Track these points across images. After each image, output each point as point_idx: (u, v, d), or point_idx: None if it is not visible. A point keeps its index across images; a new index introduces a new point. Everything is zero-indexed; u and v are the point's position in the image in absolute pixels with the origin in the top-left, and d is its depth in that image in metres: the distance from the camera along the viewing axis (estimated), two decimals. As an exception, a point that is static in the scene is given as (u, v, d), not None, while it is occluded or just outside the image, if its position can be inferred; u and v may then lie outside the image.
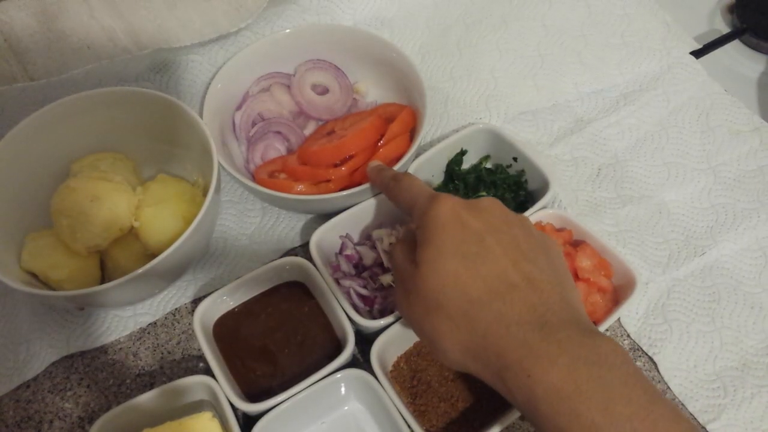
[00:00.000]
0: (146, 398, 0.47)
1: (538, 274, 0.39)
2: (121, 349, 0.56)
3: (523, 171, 0.61)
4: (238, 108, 0.65)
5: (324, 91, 0.67)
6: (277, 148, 0.63)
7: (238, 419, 0.46)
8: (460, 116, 0.68)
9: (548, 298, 0.38)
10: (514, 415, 0.47)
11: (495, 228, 0.41)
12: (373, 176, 0.54)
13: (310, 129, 0.66)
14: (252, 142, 0.64)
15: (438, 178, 0.64)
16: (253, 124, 0.64)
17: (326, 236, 0.56)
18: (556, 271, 0.41)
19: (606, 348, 0.36)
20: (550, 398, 0.34)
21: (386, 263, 0.56)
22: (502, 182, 0.61)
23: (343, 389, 0.50)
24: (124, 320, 0.57)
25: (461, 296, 0.39)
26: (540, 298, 0.38)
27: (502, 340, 0.37)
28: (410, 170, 0.58)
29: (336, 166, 0.58)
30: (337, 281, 0.54)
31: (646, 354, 0.55)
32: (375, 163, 0.56)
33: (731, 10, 0.80)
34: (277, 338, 0.53)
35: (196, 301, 0.58)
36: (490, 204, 0.43)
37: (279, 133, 0.64)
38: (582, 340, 0.36)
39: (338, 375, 0.49)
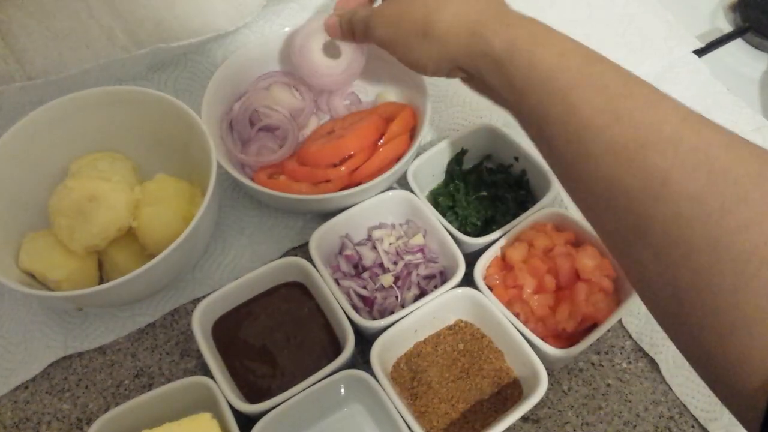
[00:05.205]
0: (145, 399, 0.47)
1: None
2: (119, 349, 0.56)
3: (524, 170, 0.61)
4: (238, 99, 0.64)
5: (335, 53, 0.60)
6: (270, 148, 0.63)
7: (237, 420, 0.46)
8: (461, 115, 0.68)
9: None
10: (514, 416, 0.47)
11: None
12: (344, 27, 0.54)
13: (310, 129, 0.66)
14: (247, 141, 0.63)
15: (438, 178, 0.63)
16: (250, 120, 0.64)
17: (326, 236, 0.56)
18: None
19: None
20: (523, 43, 0.39)
21: (386, 263, 0.56)
22: (504, 182, 0.61)
23: (342, 390, 0.50)
24: (123, 321, 0.57)
25: None
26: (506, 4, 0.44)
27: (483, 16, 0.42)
28: (410, 170, 0.58)
29: (335, 166, 0.58)
30: (336, 281, 0.54)
31: (648, 355, 0.55)
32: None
33: (733, 8, 0.80)
34: (277, 339, 0.52)
35: (195, 302, 0.58)
36: None
37: (275, 132, 0.64)
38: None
39: (338, 376, 0.48)
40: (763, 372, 0.26)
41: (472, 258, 0.54)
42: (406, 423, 0.46)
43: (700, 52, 0.73)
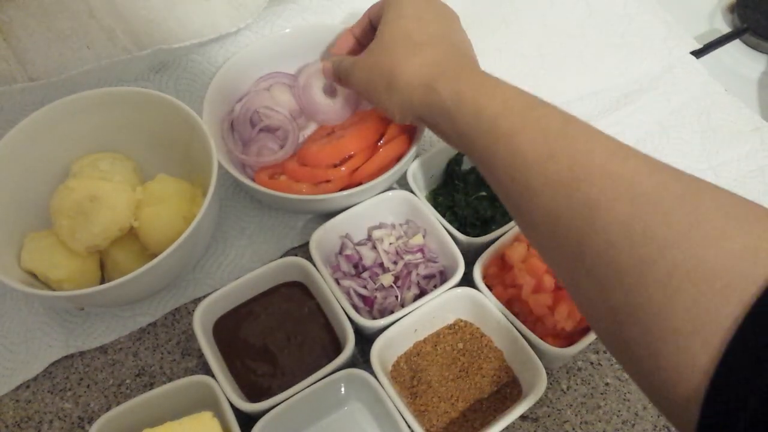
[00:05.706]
0: (146, 398, 0.47)
1: (467, 50, 0.52)
2: (120, 349, 0.56)
3: (523, 171, 0.61)
4: (239, 100, 0.65)
5: (333, 92, 0.65)
6: (271, 148, 0.63)
7: (238, 419, 0.46)
8: (460, 116, 0.68)
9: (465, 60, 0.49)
10: (513, 415, 0.47)
11: (443, 14, 0.52)
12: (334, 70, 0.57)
13: (310, 129, 0.66)
14: (247, 141, 0.63)
15: (438, 178, 0.64)
16: (251, 121, 0.64)
17: (326, 236, 0.56)
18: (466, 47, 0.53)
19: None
20: (472, 94, 0.41)
21: (386, 263, 0.56)
22: (502, 182, 0.61)
23: (343, 389, 0.50)
24: (124, 320, 0.57)
25: (418, 35, 0.49)
26: (463, 57, 0.49)
27: (436, 70, 0.45)
28: (410, 170, 0.58)
29: (335, 166, 0.58)
30: (337, 281, 0.54)
31: (647, 354, 0.55)
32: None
33: (732, 9, 0.80)
34: (277, 338, 0.53)
35: (195, 301, 0.58)
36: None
37: (275, 132, 0.64)
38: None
39: (338, 375, 0.49)
40: (691, 383, 0.28)
41: (471, 258, 0.55)
42: (406, 422, 0.47)
43: (698, 53, 0.73)
